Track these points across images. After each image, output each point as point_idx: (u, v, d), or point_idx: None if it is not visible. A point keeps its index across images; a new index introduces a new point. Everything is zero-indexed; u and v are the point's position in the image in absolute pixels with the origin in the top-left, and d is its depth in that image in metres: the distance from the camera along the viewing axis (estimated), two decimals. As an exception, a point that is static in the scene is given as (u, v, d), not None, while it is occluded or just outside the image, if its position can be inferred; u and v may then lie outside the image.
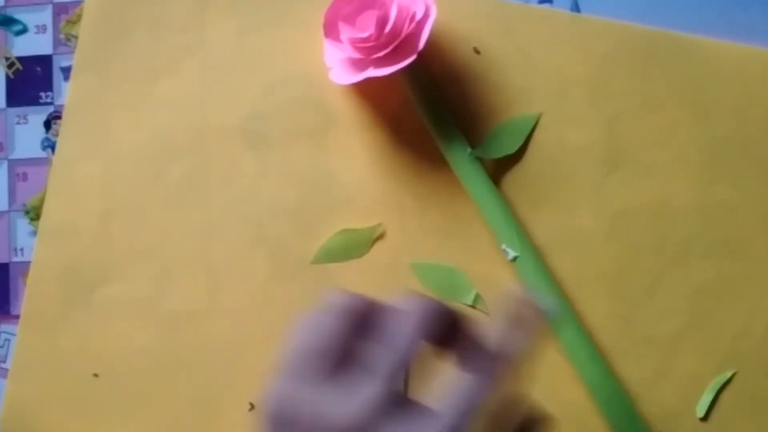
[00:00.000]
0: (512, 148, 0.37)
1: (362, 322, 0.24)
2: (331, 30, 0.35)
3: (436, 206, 0.38)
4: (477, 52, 0.38)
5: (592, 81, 0.37)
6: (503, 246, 0.36)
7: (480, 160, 0.37)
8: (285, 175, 0.39)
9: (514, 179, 0.37)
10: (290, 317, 0.38)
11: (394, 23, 0.34)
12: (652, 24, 0.37)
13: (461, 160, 0.37)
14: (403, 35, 0.34)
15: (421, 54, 0.34)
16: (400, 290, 0.35)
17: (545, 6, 0.39)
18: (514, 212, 0.37)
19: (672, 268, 0.36)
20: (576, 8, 0.38)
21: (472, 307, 0.37)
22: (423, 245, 0.38)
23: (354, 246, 0.38)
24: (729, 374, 0.36)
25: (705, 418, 0.36)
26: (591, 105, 0.37)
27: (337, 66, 0.37)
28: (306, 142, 0.38)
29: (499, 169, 0.38)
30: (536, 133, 0.38)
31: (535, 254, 0.36)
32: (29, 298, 0.39)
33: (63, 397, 0.39)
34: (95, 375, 0.39)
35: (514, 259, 0.36)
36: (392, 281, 0.37)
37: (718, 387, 0.36)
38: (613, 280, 0.36)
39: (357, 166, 0.38)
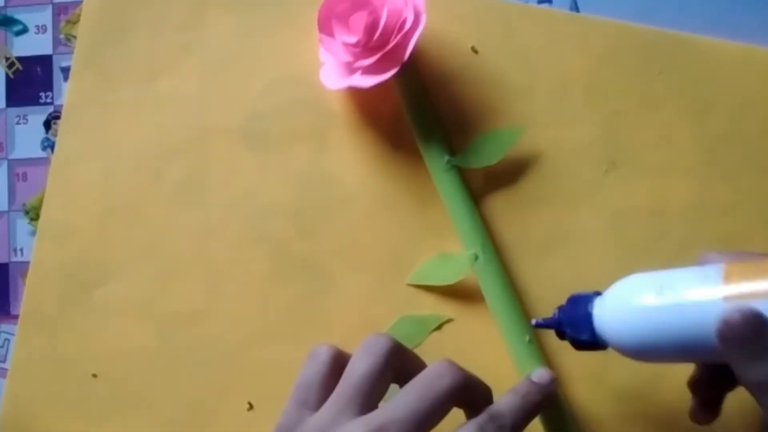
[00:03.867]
0: (493, 160, 0.37)
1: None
2: (325, 25, 0.35)
3: (435, 207, 0.38)
4: (475, 51, 0.38)
5: (591, 80, 0.37)
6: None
7: (458, 167, 0.37)
8: (284, 175, 0.39)
9: (508, 183, 0.37)
10: (289, 317, 0.38)
11: (383, 30, 0.34)
12: (650, 23, 0.37)
13: (437, 167, 0.37)
14: (391, 45, 0.34)
15: (417, 55, 0.34)
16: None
17: (544, 6, 0.39)
18: (504, 217, 0.37)
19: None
20: (575, 8, 0.38)
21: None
22: (424, 245, 0.38)
23: (451, 270, 0.37)
24: (728, 373, 0.36)
25: (705, 417, 0.36)
26: (589, 104, 0.37)
27: (329, 65, 0.37)
28: (305, 142, 0.38)
29: (493, 173, 0.37)
30: (534, 133, 0.37)
31: (497, 267, 0.36)
32: (28, 298, 0.39)
33: (62, 397, 0.39)
34: (94, 375, 0.39)
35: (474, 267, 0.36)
36: (395, 277, 0.38)
37: (717, 386, 0.36)
38: (611, 280, 0.36)
39: (356, 166, 0.38)
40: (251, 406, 0.38)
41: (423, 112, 0.37)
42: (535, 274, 0.37)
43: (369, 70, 0.35)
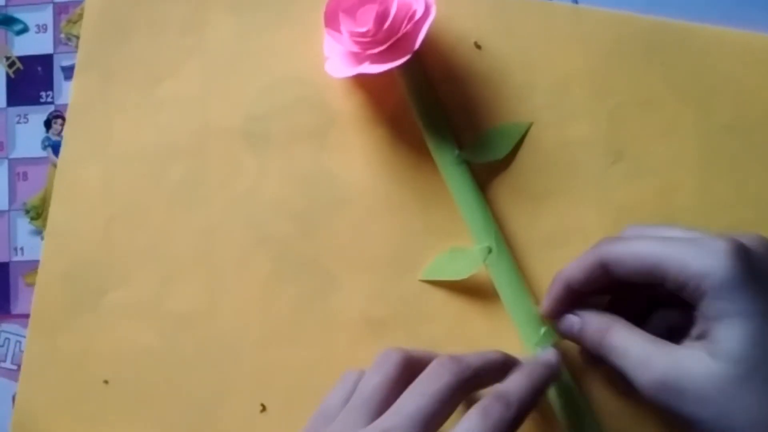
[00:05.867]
0: (500, 154, 0.37)
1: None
2: (331, 20, 0.35)
3: (438, 206, 0.37)
4: (478, 47, 0.38)
5: (593, 74, 0.38)
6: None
7: (467, 162, 0.37)
8: (286, 175, 0.38)
9: (514, 177, 0.38)
10: (293, 317, 0.37)
11: (393, 20, 0.34)
12: (652, 14, 0.38)
13: (446, 161, 0.37)
14: (400, 33, 0.34)
15: (420, 51, 0.34)
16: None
17: None
18: (510, 211, 0.37)
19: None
20: (575, 0, 0.39)
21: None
22: (429, 243, 0.37)
23: (464, 264, 0.37)
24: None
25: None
26: (592, 98, 0.38)
27: (335, 58, 0.37)
28: (307, 142, 0.38)
29: (498, 168, 0.38)
30: (537, 126, 0.38)
31: (509, 261, 0.36)
32: (37, 303, 0.39)
33: (73, 402, 0.38)
34: (105, 382, 0.38)
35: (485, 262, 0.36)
36: (400, 276, 0.37)
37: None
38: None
39: (358, 166, 0.38)
40: (264, 408, 0.37)
41: (430, 107, 0.37)
42: (541, 268, 0.37)
43: (378, 59, 0.35)
